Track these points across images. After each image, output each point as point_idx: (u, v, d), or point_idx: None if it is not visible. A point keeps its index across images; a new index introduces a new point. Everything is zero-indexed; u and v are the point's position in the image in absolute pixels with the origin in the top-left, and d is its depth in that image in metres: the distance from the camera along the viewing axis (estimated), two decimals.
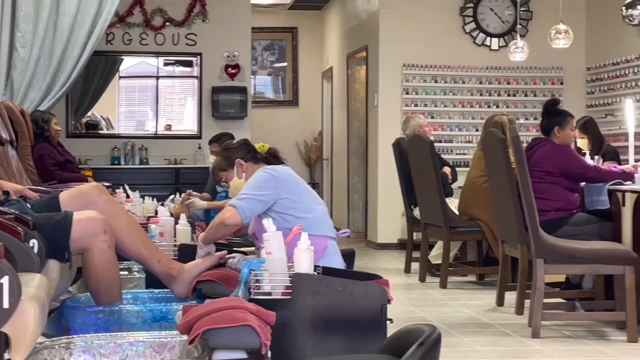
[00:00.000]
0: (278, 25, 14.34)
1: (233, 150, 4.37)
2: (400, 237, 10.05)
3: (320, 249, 3.96)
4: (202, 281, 3.54)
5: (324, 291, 3.12)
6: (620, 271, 5.27)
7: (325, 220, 4.12)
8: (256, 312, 2.75)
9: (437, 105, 10.42)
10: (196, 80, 11.21)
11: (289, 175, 4.12)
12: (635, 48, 9.39)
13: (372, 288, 3.21)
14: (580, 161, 6.09)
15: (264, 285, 3.14)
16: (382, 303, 3.19)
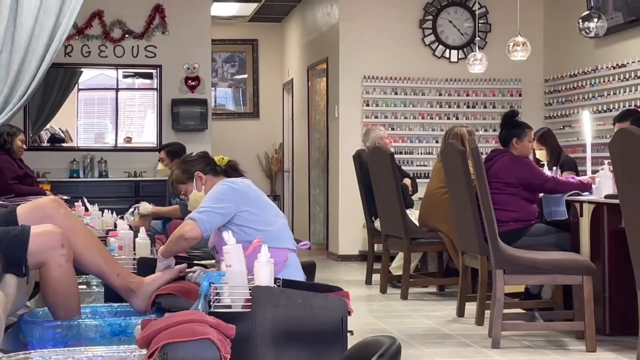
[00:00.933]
0: (238, 37, 14.33)
1: (192, 163, 4.34)
2: (362, 249, 10.07)
3: (281, 261, 3.95)
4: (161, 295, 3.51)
5: (284, 304, 3.11)
6: (579, 281, 5.32)
7: (285, 233, 4.11)
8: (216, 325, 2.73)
9: (397, 117, 10.46)
10: (156, 93, 11.16)
11: (248, 188, 4.11)
12: (592, 60, 9.51)
13: (332, 300, 3.21)
14: (538, 172, 6.14)
15: (224, 299, 3.12)
16: (342, 315, 3.18)
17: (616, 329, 5.54)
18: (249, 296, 3.11)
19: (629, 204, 4.29)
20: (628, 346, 5.18)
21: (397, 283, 7.83)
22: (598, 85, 9.33)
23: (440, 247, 7.49)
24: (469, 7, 10.46)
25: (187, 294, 3.42)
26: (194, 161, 4.35)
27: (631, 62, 8.72)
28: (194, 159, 4.37)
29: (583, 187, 6.05)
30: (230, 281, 3.14)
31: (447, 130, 7.54)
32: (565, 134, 9.76)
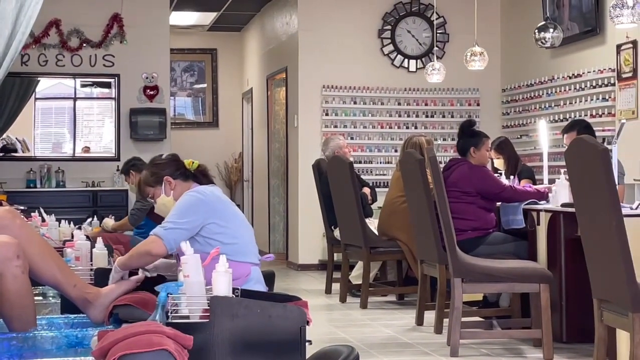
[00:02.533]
0: (197, 47, 14.30)
1: (162, 167, 4.23)
2: (321, 258, 10.08)
3: (244, 275, 3.93)
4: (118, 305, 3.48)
5: (242, 314, 3.10)
6: (536, 289, 5.36)
7: (251, 247, 4.08)
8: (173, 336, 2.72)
9: (356, 127, 10.49)
10: (114, 102, 11.09)
11: (217, 199, 4.05)
12: (548, 70, 9.61)
13: (290, 310, 3.20)
14: (496, 181, 6.19)
15: (181, 309, 3.10)
16: (300, 325, 3.17)
17: (573, 336, 5.59)
18: (206, 306, 3.09)
19: (585, 212, 4.33)
20: (584, 353, 5.23)
21: (357, 292, 7.84)
22: (554, 95, 9.44)
23: (399, 255, 7.52)
24: (427, 17, 10.53)
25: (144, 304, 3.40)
26: (164, 164, 4.24)
27: (586, 72, 8.82)
28: (163, 162, 4.26)
29: (540, 196, 6.11)
30: (188, 291, 3.12)
31: (406, 140, 7.58)
32: (523, 143, 9.84)
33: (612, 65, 8.37)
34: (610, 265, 4.08)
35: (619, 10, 5.71)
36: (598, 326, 4.28)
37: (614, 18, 5.80)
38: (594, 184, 4.11)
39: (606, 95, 8.54)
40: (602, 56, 8.60)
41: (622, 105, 8.18)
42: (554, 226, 5.67)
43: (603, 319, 4.26)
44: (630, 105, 8.07)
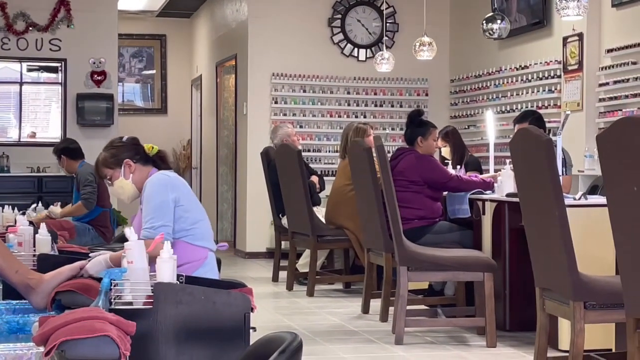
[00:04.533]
0: (146, 32, 14.18)
1: (122, 149, 4.13)
2: (269, 246, 10.07)
3: (202, 259, 3.93)
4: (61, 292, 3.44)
5: (186, 300, 3.09)
6: (480, 278, 5.41)
7: (209, 232, 4.09)
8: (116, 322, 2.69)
9: (305, 115, 10.49)
10: (61, 87, 10.94)
11: (183, 185, 4.05)
12: (496, 61, 9.69)
13: (235, 297, 3.19)
14: (442, 171, 6.24)
15: (125, 295, 3.08)
16: (245, 312, 3.17)
17: (516, 324, 5.66)
18: (150, 293, 3.07)
19: (528, 202, 4.39)
20: (527, 341, 5.30)
21: (304, 280, 7.86)
22: (502, 86, 9.52)
23: (346, 244, 7.55)
24: (377, 6, 10.55)
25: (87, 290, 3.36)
26: (124, 147, 4.16)
27: (533, 64, 8.92)
28: (124, 145, 4.17)
29: (486, 186, 6.18)
30: (132, 277, 3.10)
31: (348, 127, 7.63)
32: (470, 134, 9.93)
33: (558, 58, 8.47)
34: (552, 255, 4.14)
35: (565, 2, 5.77)
36: (540, 314, 4.34)
37: (560, 10, 5.86)
38: (538, 175, 4.16)
39: (552, 87, 8.64)
40: (549, 48, 8.70)
41: (568, 97, 8.28)
42: (499, 216, 5.73)
43: (545, 308, 4.32)
44: (575, 97, 8.17)
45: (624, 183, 3.36)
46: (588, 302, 3.98)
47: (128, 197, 4.14)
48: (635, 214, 3.31)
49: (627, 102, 7.63)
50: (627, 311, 3.45)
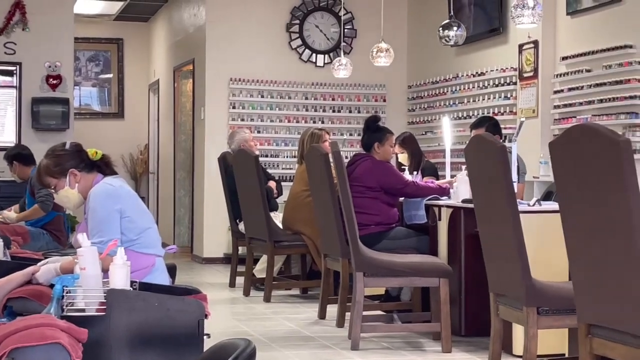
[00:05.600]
0: (103, 36, 14.07)
1: (66, 158, 4.06)
2: (226, 252, 10.04)
3: (149, 266, 3.90)
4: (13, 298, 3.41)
5: (139, 307, 3.08)
6: (436, 283, 5.44)
7: (156, 239, 4.05)
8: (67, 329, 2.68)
9: (263, 120, 10.48)
10: (16, 91, 10.82)
11: (127, 194, 3.99)
12: (453, 68, 9.76)
13: (189, 303, 3.19)
14: (399, 177, 6.26)
15: (77, 302, 3.06)
16: (199, 318, 3.16)
17: (471, 330, 5.69)
18: (103, 299, 3.05)
19: (483, 208, 4.42)
20: (482, 346, 5.33)
21: (261, 286, 7.84)
22: (458, 92, 9.59)
23: (303, 249, 7.54)
24: (336, 12, 10.58)
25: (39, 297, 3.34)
26: (68, 155, 4.09)
27: (490, 71, 8.99)
28: (68, 153, 4.09)
29: (441, 192, 6.21)
30: (85, 284, 3.08)
31: (305, 133, 7.65)
32: (427, 140, 9.98)
33: (514, 65, 8.55)
34: (506, 261, 4.17)
35: (520, 10, 5.82)
36: (494, 320, 4.37)
37: (515, 18, 5.91)
38: (492, 181, 4.19)
39: (508, 94, 8.72)
40: (505, 55, 8.77)
41: (523, 104, 8.36)
42: (455, 222, 5.76)
43: (499, 313, 4.35)
44: (530, 104, 8.25)
45: (575, 190, 3.40)
46: (541, 308, 4.02)
47: (74, 206, 4.09)
48: (586, 221, 3.35)
49: (582, 109, 7.71)
50: (578, 317, 3.49)
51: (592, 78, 7.62)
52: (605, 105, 7.44)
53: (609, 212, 3.20)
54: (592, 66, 7.64)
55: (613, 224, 3.18)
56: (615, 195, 3.14)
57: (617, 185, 3.12)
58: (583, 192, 3.34)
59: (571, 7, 7.88)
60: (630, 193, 3.09)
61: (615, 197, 3.14)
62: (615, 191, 3.14)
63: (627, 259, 3.13)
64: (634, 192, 3.09)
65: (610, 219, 3.20)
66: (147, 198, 13.88)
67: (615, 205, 3.15)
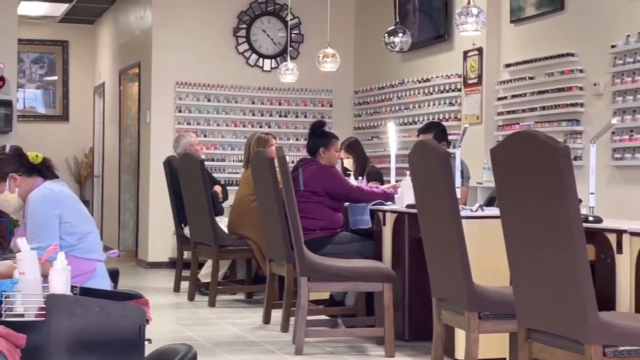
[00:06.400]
0: (48, 38, 13.91)
1: (5, 162, 4.01)
2: (171, 256, 9.98)
3: (90, 271, 3.87)
4: None
5: (79, 312, 3.04)
6: (380, 288, 5.46)
7: (97, 244, 4.02)
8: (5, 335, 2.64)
9: (209, 124, 10.45)
10: None
11: (68, 198, 3.94)
12: (399, 73, 9.82)
13: (130, 308, 3.16)
14: (344, 182, 6.29)
15: (16, 307, 3.02)
16: (140, 323, 3.13)
17: (415, 334, 5.72)
18: (43, 304, 3.02)
19: (426, 214, 4.45)
20: (425, 351, 5.37)
21: (206, 290, 7.81)
22: (404, 98, 9.65)
23: (249, 254, 7.53)
24: (283, 17, 10.59)
25: None
26: (8, 160, 4.04)
27: (435, 77, 9.07)
28: (7, 158, 4.05)
29: (386, 197, 6.25)
30: (24, 289, 3.04)
31: (250, 137, 7.66)
32: (373, 145, 10.02)
33: (459, 71, 8.63)
34: (448, 266, 4.21)
35: (464, 17, 5.88)
36: (436, 324, 4.41)
37: (460, 25, 5.97)
38: (435, 186, 4.23)
39: (453, 100, 8.80)
40: (450, 62, 8.85)
41: (468, 110, 8.45)
42: (399, 227, 5.80)
43: (441, 318, 4.39)
44: (475, 110, 8.33)
45: (515, 195, 3.44)
46: (482, 313, 4.06)
47: (13, 210, 4.05)
48: (525, 226, 3.40)
49: (524, 116, 7.81)
50: (518, 321, 3.53)
51: (535, 85, 7.73)
52: (548, 112, 7.54)
53: (548, 218, 3.25)
54: (535, 74, 7.74)
55: (552, 230, 3.23)
56: (554, 202, 3.19)
57: (556, 191, 3.17)
58: (523, 198, 3.39)
59: (515, 15, 7.98)
60: (568, 199, 3.14)
61: (554, 204, 3.19)
62: (554, 197, 3.19)
63: (565, 264, 3.18)
64: (572, 199, 3.14)
65: (549, 225, 3.24)
66: (92, 202, 13.75)
67: (554, 212, 3.20)
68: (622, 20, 6.85)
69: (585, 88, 7.23)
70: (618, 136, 6.79)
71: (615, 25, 6.90)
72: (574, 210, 3.15)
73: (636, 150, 6.66)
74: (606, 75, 6.94)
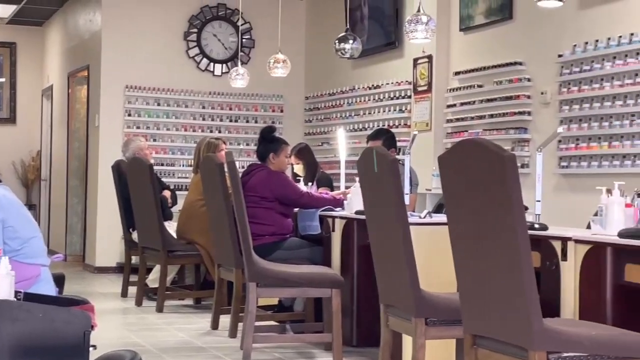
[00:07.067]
0: None
1: None
2: (119, 261, 9.90)
3: (34, 276, 3.83)
4: None
5: (23, 318, 3.00)
6: (328, 294, 5.46)
7: (41, 249, 3.98)
8: None
9: (159, 128, 10.39)
10: None
11: (10, 203, 3.90)
12: (349, 80, 9.85)
13: (75, 314, 3.12)
14: (294, 187, 6.29)
15: None
16: (85, 329, 3.10)
17: (363, 340, 5.74)
18: None
19: (374, 220, 4.46)
20: (373, 357, 5.37)
21: (154, 296, 7.76)
22: (354, 104, 9.68)
23: (197, 259, 7.50)
24: (234, 22, 10.57)
25: None
26: None
27: (385, 84, 9.11)
28: None
29: (336, 203, 6.26)
30: None
31: (199, 141, 7.63)
32: (324, 151, 10.04)
33: (409, 78, 8.68)
34: (396, 272, 4.22)
35: (414, 25, 5.92)
36: (384, 330, 4.42)
37: (409, 33, 6.01)
38: (383, 193, 4.24)
39: (403, 107, 8.84)
40: (400, 69, 8.90)
41: (417, 117, 8.50)
42: (348, 233, 5.81)
43: (389, 324, 4.40)
44: (424, 117, 8.39)
45: (462, 202, 3.47)
46: (429, 319, 4.08)
47: None
48: (472, 233, 3.42)
49: (473, 123, 7.88)
50: (464, 327, 3.55)
51: (484, 93, 7.80)
52: (496, 120, 7.62)
53: (494, 225, 3.27)
54: (484, 82, 7.82)
55: (498, 237, 3.26)
56: (500, 209, 3.22)
57: (502, 199, 3.20)
58: (470, 205, 3.41)
59: (464, 23, 8.05)
60: (514, 207, 3.17)
61: (500, 211, 3.22)
62: (500, 205, 3.22)
63: (510, 271, 3.21)
64: (517, 206, 3.17)
65: (495, 232, 3.27)
66: (39, 205, 13.58)
67: (500, 219, 3.23)
68: (569, 30, 6.95)
69: (532, 97, 7.32)
70: (564, 144, 6.88)
71: (563, 35, 7.00)
72: (520, 217, 3.18)
73: (582, 159, 6.76)
74: (553, 84, 7.03)
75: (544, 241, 4.10)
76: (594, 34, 6.68)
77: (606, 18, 6.64)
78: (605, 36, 6.55)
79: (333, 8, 9.90)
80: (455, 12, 8.19)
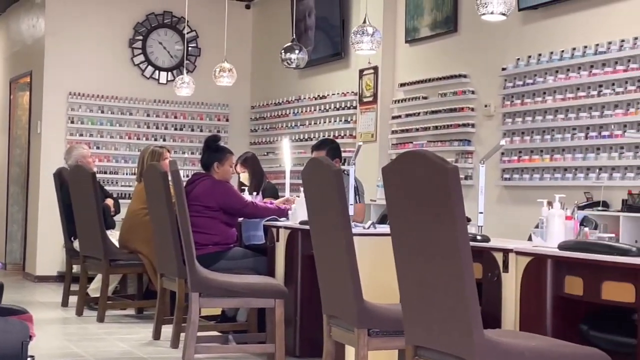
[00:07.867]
0: None
1: None
2: (60, 270, 9.77)
3: None
4: None
5: None
6: (272, 304, 5.44)
7: None
8: None
9: (103, 136, 10.29)
10: None
11: None
12: (296, 90, 9.86)
13: (12, 324, 3.08)
14: (238, 197, 6.26)
15: None
16: (22, 339, 3.06)
17: (305, 351, 5.72)
18: None
19: (318, 230, 4.46)
20: None
21: (95, 305, 7.66)
22: (300, 114, 9.69)
23: (140, 269, 7.42)
24: (180, 30, 10.52)
25: None
26: None
27: (331, 94, 9.14)
28: None
29: (280, 213, 6.25)
30: None
31: (143, 150, 7.57)
32: (269, 160, 10.03)
33: (354, 89, 8.71)
34: (339, 282, 4.22)
35: (360, 36, 5.96)
36: (327, 341, 4.41)
37: (355, 44, 6.04)
38: (327, 203, 4.24)
39: (348, 118, 8.87)
40: (346, 80, 8.94)
41: (363, 128, 8.53)
42: (292, 243, 5.80)
43: (332, 334, 4.39)
44: (369, 128, 8.42)
45: (405, 213, 3.48)
46: (372, 330, 4.08)
47: None
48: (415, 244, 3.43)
49: (418, 135, 7.93)
50: (406, 338, 3.56)
51: (428, 105, 7.86)
52: (440, 132, 7.68)
53: (437, 236, 3.29)
54: (429, 93, 7.87)
55: (440, 248, 3.27)
56: (442, 221, 3.24)
57: (445, 210, 3.22)
58: (413, 216, 3.43)
59: (410, 35, 8.11)
60: (456, 219, 3.18)
61: (443, 222, 3.23)
62: (442, 216, 3.23)
63: (452, 282, 3.23)
64: (460, 218, 3.19)
65: (438, 243, 3.29)
66: None
67: (442, 230, 3.25)
68: (513, 44, 7.03)
69: (476, 109, 7.39)
70: (507, 157, 6.95)
71: (507, 49, 7.08)
72: (462, 229, 3.19)
73: (524, 171, 6.83)
74: (497, 97, 7.10)
75: (485, 252, 4.14)
76: (537, 48, 6.77)
77: (549, 33, 6.74)
78: (548, 50, 6.65)
79: (280, 18, 9.90)
80: (401, 24, 8.25)
